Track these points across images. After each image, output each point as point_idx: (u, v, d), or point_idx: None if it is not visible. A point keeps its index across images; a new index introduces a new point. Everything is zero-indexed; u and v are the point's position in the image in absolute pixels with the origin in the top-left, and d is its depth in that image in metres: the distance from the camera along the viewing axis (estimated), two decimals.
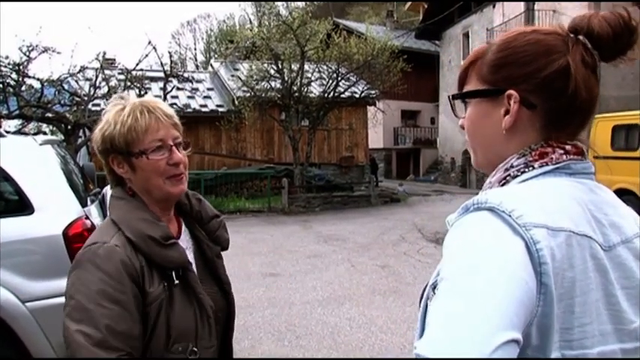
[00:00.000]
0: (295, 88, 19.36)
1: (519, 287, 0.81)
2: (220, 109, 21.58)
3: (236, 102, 20.49)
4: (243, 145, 22.46)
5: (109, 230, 1.57)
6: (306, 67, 19.61)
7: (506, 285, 0.81)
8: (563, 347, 0.87)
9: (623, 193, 11.41)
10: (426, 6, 31.11)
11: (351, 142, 24.00)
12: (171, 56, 20.57)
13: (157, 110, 1.60)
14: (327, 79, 19.98)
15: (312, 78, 20.09)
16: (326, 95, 19.91)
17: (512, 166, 1.04)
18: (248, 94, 19.75)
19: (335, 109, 20.95)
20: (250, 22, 40.94)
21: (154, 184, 1.60)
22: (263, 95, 19.51)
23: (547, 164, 1.01)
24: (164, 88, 18.23)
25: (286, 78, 19.35)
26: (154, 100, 1.66)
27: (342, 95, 20.33)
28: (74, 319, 1.42)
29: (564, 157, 1.01)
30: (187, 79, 19.78)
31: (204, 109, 21.47)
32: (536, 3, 20.60)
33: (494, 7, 23.59)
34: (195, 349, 1.56)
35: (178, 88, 20.26)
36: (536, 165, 1.01)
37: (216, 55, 37.39)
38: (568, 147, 1.02)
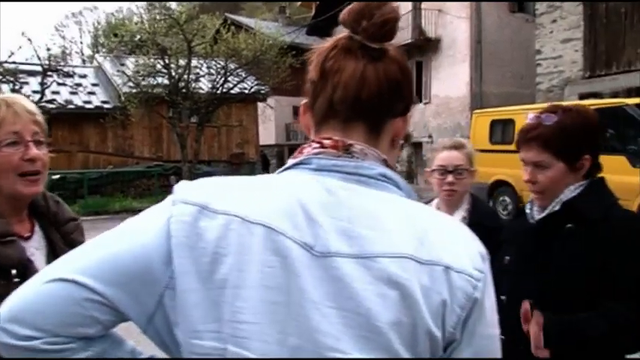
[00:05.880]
0: (183, 84, 19.00)
1: (123, 250, 0.88)
2: (106, 106, 20.80)
3: (122, 98, 19.82)
4: (130, 142, 21.79)
5: None
6: (194, 62, 19.30)
7: (110, 244, 0.90)
8: (234, 343, 0.81)
9: (500, 185, 12.09)
10: (317, 3, 31.37)
11: (241, 138, 23.87)
12: (48, 49, 19.55)
13: (16, 104, 1.55)
14: (215, 75, 19.72)
15: (201, 74, 19.79)
16: (215, 91, 19.66)
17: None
18: (134, 90, 19.16)
19: (224, 105, 20.74)
20: (141, 15, 39.69)
21: (4, 180, 1.54)
22: (150, 91, 18.98)
23: (295, 158, 0.99)
24: (43, 83, 17.31)
25: (173, 74, 18.95)
26: (16, 95, 1.63)
27: (232, 91, 20.15)
28: None
29: (314, 151, 0.96)
30: (68, 74, 18.88)
31: (88, 106, 20.60)
32: (423, 2, 21.28)
33: None
34: None
35: (59, 84, 19.30)
36: (290, 160, 1.01)
37: (103, 50, 36.04)
38: (327, 142, 0.96)
